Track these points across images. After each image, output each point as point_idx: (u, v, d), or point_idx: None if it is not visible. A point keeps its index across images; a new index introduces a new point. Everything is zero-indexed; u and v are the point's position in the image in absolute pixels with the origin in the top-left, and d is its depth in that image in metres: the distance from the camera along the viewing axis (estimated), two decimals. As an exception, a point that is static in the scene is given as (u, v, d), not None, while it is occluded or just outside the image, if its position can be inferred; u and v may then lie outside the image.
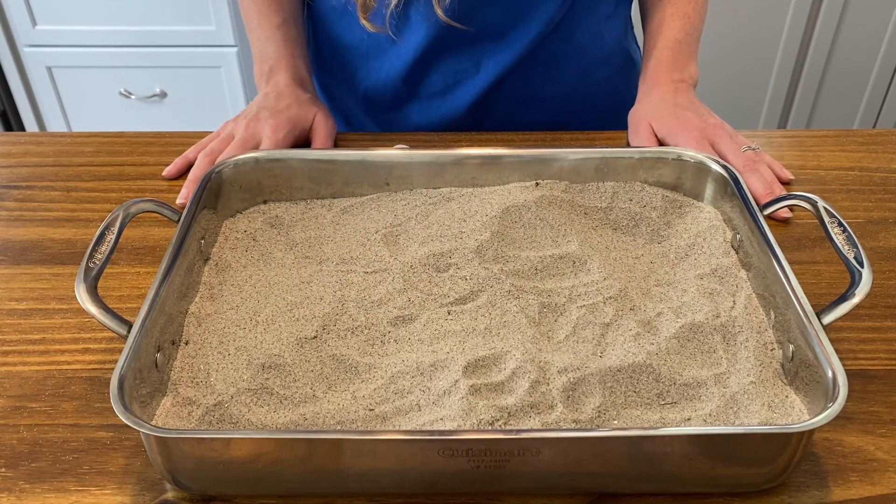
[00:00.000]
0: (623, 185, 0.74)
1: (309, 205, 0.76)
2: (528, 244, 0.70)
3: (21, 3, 1.86)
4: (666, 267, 0.69)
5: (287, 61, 0.93)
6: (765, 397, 0.56)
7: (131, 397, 0.51)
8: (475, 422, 0.53)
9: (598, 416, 0.55)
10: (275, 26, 0.94)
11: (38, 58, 1.95)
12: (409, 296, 0.64)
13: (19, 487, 0.54)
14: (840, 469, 0.55)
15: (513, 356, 0.58)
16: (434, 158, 0.75)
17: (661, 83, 0.90)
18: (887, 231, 0.77)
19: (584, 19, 0.94)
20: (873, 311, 0.68)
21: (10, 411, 0.59)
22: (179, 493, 0.53)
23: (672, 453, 0.50)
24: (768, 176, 0.80)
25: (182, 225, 0.65)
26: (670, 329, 0.60)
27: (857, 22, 1.98)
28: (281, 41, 0.94)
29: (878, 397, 0.60)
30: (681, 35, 0.92)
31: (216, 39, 1.89)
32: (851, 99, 2.13)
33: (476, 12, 0.88)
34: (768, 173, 0.81)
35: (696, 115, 0.86)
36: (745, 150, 0.82)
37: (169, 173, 0.85)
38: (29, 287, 0.71)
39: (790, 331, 0.57)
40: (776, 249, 0.62)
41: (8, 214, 0.80)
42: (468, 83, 0.95)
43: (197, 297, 0.64)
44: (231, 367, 0.58)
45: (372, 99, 1.00)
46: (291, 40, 0.95)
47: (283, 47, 0.94)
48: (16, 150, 0.91)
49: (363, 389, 0.57)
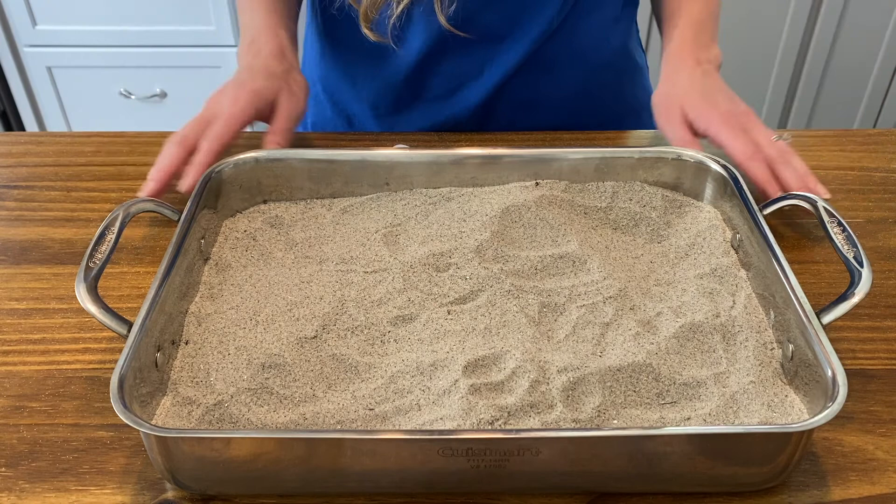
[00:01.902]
0: (623, 185, 0.74)
1: (309, 204, 0.76)
2: (528, 244, 0.70)
3: (21, 3, 1.86)
4: (666, 266, 0.69)
5: (268, 31, 0.90)
6: (764, 397, 0.56)
7: (131, 397, 0.51)
8: (475, 421, 0.53)
9: (598, 416, 0.55)
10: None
11: (38, 58, 1.95)
12: (409, 295, 0.65)
13: (19, 487, 0.54)
14: (840, 468, 0.55)
15: (513, 356, 0.58)
16: (434, 158, 0.75)
17: (687, 63, 0.86)
18: (887, 231, 0.77)
19: (588, 22, 0.94)
20: (873, 310, 0.68)
21: (10, 411, 0.59)
22: (179, 493, 0.53)
23: (672, 453, 0.50)
24: (801, 168, 0.77)
25: (182, 225, 0.65)
26: (670, 329, 0.60)
27: (857, 22, 1.98)
28: (264, 11, 0.91)
29: (878, 397, 0.60)
30: (702, 15, 0.89)
31: (216, 39, 1.89)
32: (851, 99, 2.13)
33: (477, 16, 0.88)
34: (801, 166, 0.78)
35: (727, 99, 0.83)
36: (777, 139, 0.80)
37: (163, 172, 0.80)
38: (29, 287, 0.71)
39: (790, 330, 0.57)
40: (776, 249, 0.62)
41: (8, 214, 0.80)
42: (471, 86, 0.95)
43: (197, 296, 0.64)
44: (231, 367, 0.58)
45: (375, 102, 1.00)
46: (275, 10, 0.92)
47: (266, 16, 0.90)
48: (16, 150, 0.91)
49: (363, 389, 0.57)
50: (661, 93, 0.86)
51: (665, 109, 0.85)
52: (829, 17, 1.97)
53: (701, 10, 0.90)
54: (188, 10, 1.85)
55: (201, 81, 1.95)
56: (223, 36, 1.89)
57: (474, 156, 0.75)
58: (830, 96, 2.12)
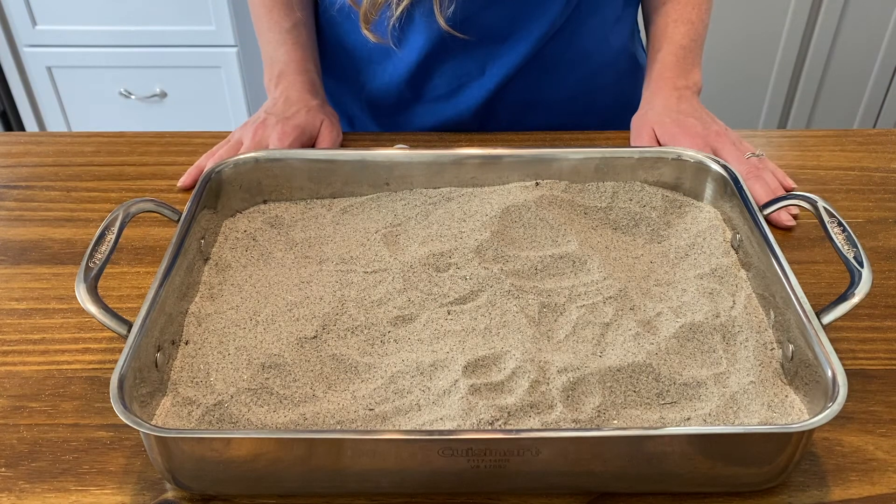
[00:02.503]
0: (623, 185, 0.74)
1: (309, 205, 0.76)
2: (528, 244, 0.70)
3: (21, 3, 1.86)
4: (666, 267, 0.69)
5: (297, 65, 0.92)
6: (764, 397, 0.56)
7: (131, 397, 0.51)
8: (475, 421, 0.53)
9: (598, 416, 0.55)
10: (285, 30, 0.93)
11: (38, 58, 1.95)
12: (409, 296, 0.65)
13: (19, 487, 0.54)
14: (840, 469, 0.55)
15: (512, 356, 0.58)
16: (434, 158, 0.75)
17: (664, 89, 0.90)
18: (887, 231, 0.77)
19: (589, 22, 0.94)
20: (873, 310, 0.68)
21: (10, 411, 0.59)
22: (179, 493, 0.53)
23: (672, 453, 0.50)
24: (772, 183, 0.80)
25: (182, 225, 0.65)
26: (670, 329, 0.60)
27: (857, 22, 1.98)
28: (291, 45, 0.93)
29: (878, 397, 0.60)
30: (685, 41, 0.92)
31: (216, 39, 1.89)
32: (851, 99, 2.13)
33: (477, 16, 0.88)
34: (773, 180, 0.80)
35: (699, 121, 0.85)
36: (749, 156, 0.82)
37: (184, 183, 0.84)
38: (29, 287, 0.71)
39: (790, 330, 0.57)
40: (776, 249, 0.62)
41: (8, 214, 0.80)
42: (472, 87, 0.95)
43: (197, 296, 0.64)
44: (231, 367, 0.58)
45: (375, 102, 1.00)
46: (301, 44, 0.94)
47: (293, 51, 0.93)
48: (16, 150, 0.91)
49: (363, 389, 0.57)
50: (636, 116, 0.90)
51: (637, 132, 0.88)
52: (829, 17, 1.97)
53: (685, 34, 0.92)
54: (188, 10, 1.85)
55: (201, 81, 1.95)
56: (223, 36, 1.88)
57: (474, 156, 0.75)
58: (830, 96, 2.12)
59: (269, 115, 0.88)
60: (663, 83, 0.90)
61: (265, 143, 0.85)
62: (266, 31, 0.94)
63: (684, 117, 0.86)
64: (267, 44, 0.94)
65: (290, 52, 0.93)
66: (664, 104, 0.88)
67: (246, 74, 1.93)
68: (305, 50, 0.94)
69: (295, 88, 0.91)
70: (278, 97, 0.90)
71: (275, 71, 0.93)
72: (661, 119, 0.86)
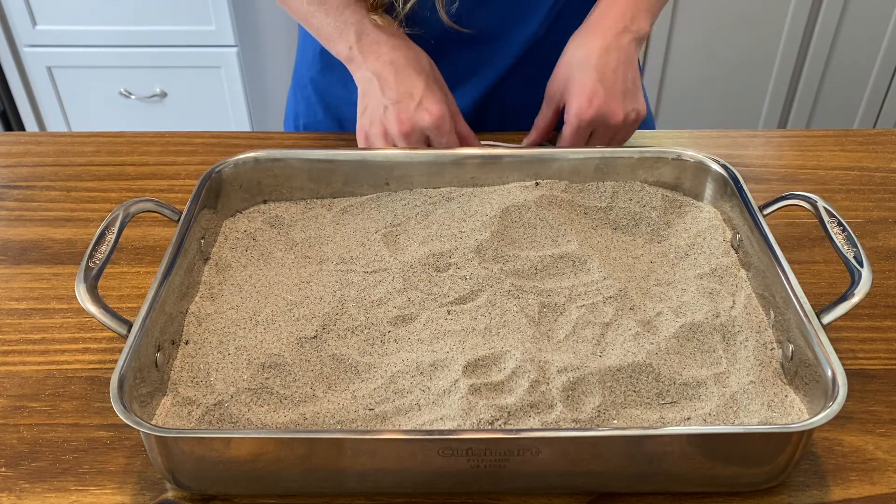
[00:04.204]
0: (623, 185, 0.74)
1: (309, 204, 0.76)
2: (528, 244, 0.70)
3: (21, 3, 1.86)
4: (666, 266, 0.69)
5: (370, 19, 0.82)
6: (764, 397, 0.56)
7: (131, 397, 0.51)
8: (475, 421, 0.53)
9: (598, 416, 0.55)
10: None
11: (38, 58, 1.95)
12: (408, 295, 0.65)
13: (19, 487, 0.54)
14: (840, 468, 0.55)
15: (512, 356, 0.58)
16: (434, 158, 0.75)
17: (601, 29, 0.80)
18: (887, 231, 0.77)
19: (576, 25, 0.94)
20: (873, 310, 0.68)
21: (10, 411, 0.59)
22: (179, 493, 0.53)
23: (672, 453, 0.50)
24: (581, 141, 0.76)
25: (182, 225, 0.65)
26: (670, 329, 0.60)
27: (857, 22, 1.98)
28: (354, 4, 0.83)
29: (878, 397, 0.60)
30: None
31: (216, 39, 1.89)
32: (851, 99, 2.13)
33: (471, 15, 0.88)
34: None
35: (607, 93, 0.77)
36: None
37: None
38: (29, 287, 0.71)
39: (790, 330, 0.57)
40: (776, 249, 0.62)
41: (8, 214, 0.80)
42: (466, 86, 0.95)
43: (197, 296, 0.64)
44: (231, 367, 0.58)
45: None
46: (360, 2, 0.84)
47: (357, 8, 0.83)
48: (16, 150, 0.91)
49: (363, 389, 0.57)
50: (562, 62, 0.82)
51: (553, 82, 0.82)
52: (829, 17, 1.97)
53: None
54: (188, 10, 1.85)
55: (201, 81, 1.95)
56: (223, 36, 1.88)
57: (474, 156, 0.75)
58: (830, 96, 2.11)
59: (417, 86, 0.79)
60: (603, 20, 0.81)
61: (443, 126, 0.78)
62: (316, 9, 0.84)
63: (597, 81, 0.77)
64: (325, 16, 0.84)
65: (356, 9, 0.82)
66: (589, 51, 0.79)
67: (246, 74, 1.93)
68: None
69: (391, 45, 0.80)
70: (381, 64, 0.80)
71: (349, 34, 0.81)
72: (577, 73, 0.79)
